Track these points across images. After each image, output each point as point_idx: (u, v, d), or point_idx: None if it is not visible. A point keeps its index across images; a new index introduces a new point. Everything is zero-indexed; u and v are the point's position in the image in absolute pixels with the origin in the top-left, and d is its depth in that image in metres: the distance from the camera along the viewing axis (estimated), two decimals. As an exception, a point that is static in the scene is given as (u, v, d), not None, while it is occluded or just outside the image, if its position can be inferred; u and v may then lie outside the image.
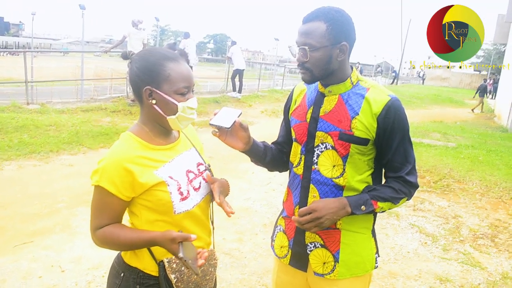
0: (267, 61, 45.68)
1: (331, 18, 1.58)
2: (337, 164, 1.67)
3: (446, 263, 4.01)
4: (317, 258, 1.75)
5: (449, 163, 7.24)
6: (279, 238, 1.90)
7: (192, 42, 13.11)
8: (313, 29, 1.58)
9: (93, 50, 44.63)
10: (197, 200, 1.55)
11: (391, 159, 1.68)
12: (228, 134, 1.69)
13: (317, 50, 1.58)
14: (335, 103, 1.67)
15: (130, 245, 1.46)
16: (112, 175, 1.40)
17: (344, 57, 1.63)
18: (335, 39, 1.58)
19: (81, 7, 11.05)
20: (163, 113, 1.46)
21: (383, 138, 1.64)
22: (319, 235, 1.73)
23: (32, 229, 4.10)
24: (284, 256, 1.86)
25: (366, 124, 1.61)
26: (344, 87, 1.68)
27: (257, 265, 3.72)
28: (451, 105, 23.56)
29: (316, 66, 1.61)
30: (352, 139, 1.63)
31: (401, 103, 1.66)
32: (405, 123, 1.66)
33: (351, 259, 1.73)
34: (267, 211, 4.96)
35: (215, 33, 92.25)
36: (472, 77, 49.14)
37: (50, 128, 7.63)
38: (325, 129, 1.67)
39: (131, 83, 1.52)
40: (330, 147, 1.67)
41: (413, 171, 1.70)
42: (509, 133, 12.43)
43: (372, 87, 1.67)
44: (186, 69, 1.49)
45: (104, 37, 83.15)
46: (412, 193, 1.71)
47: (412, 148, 1.72)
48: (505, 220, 5.11)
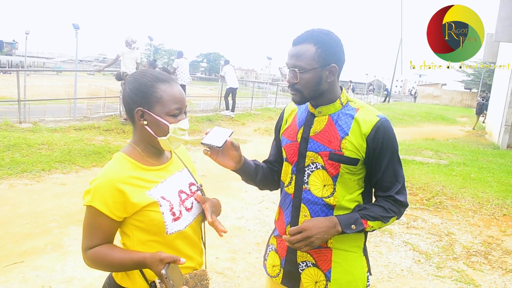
0: (260, 80, 45.98)
1: (320, 41, 1.61)
2: (327, 184, 1.68)
3: (440, 281, 4.00)
4: (309, 277, 1.75)
5: (442, 181, 7.27)
6: (271, 257, 1.90)
7: (185, 61, 13.20)
8: (303, 52, 1.62)
9: (86, 69, 44.70)
10: (189, 220, 1.56)
11: (380, 178, 1.69)
12: (219, 153, 1.71)
13: (306, 72, 1.62)
14: (325, 124, 1.70)
15: (120, 265, 1.45)
16: (105, 195, 1.41)
17: (333, 78, 1.66)
18: (324, 61, 1.62)
19: (74, 26, 11.12)
20: (154, 134, 1.48)
21: (372, 158, 1.66)
22: (310, 254, 1.74)
23: (23, 249, 4.05)
24: (276, 275, 1.85)
25: (356, 144, 1.64)
26: (334, 108, 1.70)
27: (250, 285, 3.69)
28: (442, 122, 23.76)
29: (306, 87, 1.64)
30: (342, 159, 1.65)
31: (390, 123, 1.68)
32: (394, 142, 1.69)
33: (342, 278, 1.73)
34: (260, 230, 4.93)
35: (208, 52, 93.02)
36: (463, 95, 49.73)
37: (42, 146, 7.60)
38: (315, 149, 1.69)
39: (124, 104, 1.54)
40: (320, 167, 1.68)
41: (402, 190, 1.71)
42: (500, 150, 12.52)
43: (361, 108, 1.70)
44: (179, 91, 1.51)
45: (97, 56, 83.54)
46: (401, 212, 1.73)
47: (401, 168, 1.73)
48: (498, 237, 5.12)
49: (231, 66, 14.76)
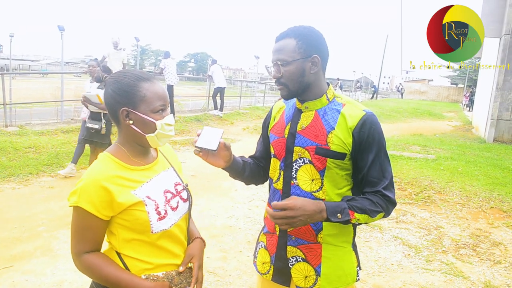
0: (248, 79, 45.96)
1: (300, 34, 1.66)
2: (315, 178, 1.70)
3: (430, 274, 4.05)
4: (299, 272, 1.76)
5: (429, 175, 7.34)
6: (261, 254, 1.91)
7: (172, 61, 13.15)
8: (284, 45, 1.66)
9: (72, 71, 44.21)
10: (175, 219, 1.57)
11: (367, 173, 1.68)
12: (210, 154, 1.74)
13: (289, 64, 1.65)
14: (312, 119, 1.72)
15: (113, 284, 1.46)
16: (91, 195, 1.41)
17: (316, 69, 1.68)
18: (305, 52, 1.65)
19: (60, 28, 10.99)
20: (141, 132, 1.49)
21: (358, 152, 1.67)
22: (300, 250, 1.75)
23: (11, 253, 4.01)
24: (267, 272, 1.86)
25: (342, 138, 1.65)
26: (320, 103, 1.72)
27: (242, 283, 3.70)
28: (430, 118, 23.98)
29: (291, 80, 1.67)
30: (328, 153, 1.66)
31: (376, 118, 1.69)
32: (380, 137, 1.69)
33: (332, 272, 1.75)
34: (251, 228, 4.94)
35: (195, 52, 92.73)
36: (450, 90, 50.24)
37: (30, 150, 7.53)
38: (302, 144, 1.71)
39: (107, 106, 1.54)
40: (307, 162, 1.70)
41: (390, 187, 1.69)
42: (487, 143, 12.67)
43: (348, 103, 1.72)
44: (161, 88, 1.53)
45: (83, 57, 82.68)
46: (389, 210, 1.71)
47: (389, 164, 1.72)
48: (486, 230, 5.19)
49: (218, 66, 14.74)
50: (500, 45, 12.97)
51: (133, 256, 1.51)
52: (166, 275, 1.53)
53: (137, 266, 1.50)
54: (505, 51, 12.66)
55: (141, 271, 1.50)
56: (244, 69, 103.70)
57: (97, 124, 5.91)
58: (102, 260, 1.47)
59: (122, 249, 1.51)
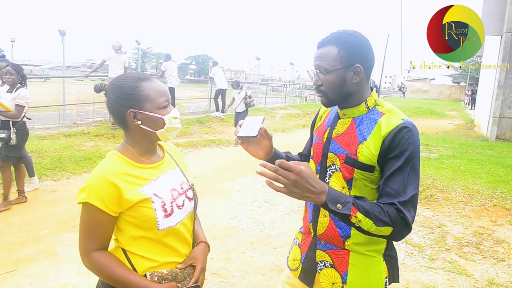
0: (249, 80, 45.98)
1: (343, 42, 1.59)
2: (344, 187, 1.65)
3: (433, 272, 4.05)
4: (327, 278, 1.74)
5: (432, 174, 7.33)
6: (294, 251, 1.92)
7: (173, 64, 13.18)
8: (325, 53, 1.61)
9: (74, 75, 44.37)
10: (181, 217, 1.59)
11: (385, 182, 1.53)
12: (251, 143, 1.74)
13: (330, 73, 1.60)
14: (347, 126, 1.68)
15: (121, 285, 1.48)
16: (100, 191, 1.44)
17: (358, 79, 1.62)
18: (347, 62, 1.59)
19: (61, 32, 11.02)
20: (152, 129, 1.53)
21: (385, 160, 1.54)
22: (329, 255, 1.73)
23: (15, 257, 4.02)
24: (296, 269, 1.87)
25: (372, 150, 1.57)
26: (358, 111, 1.67)
27: (245, 284, 3.71)
28: (432, 116, 23.94)
29: (330, 88, 1.63)
30: (356, 164, 1.60)
31: (416, 129, 1.56)
32: (414, 149, 1.52)
33: (358, 281, 1.69)
34: (253, 229, 4.95)
35: (197, 54, 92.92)
36: (451, 89, 50.18)
37: (32, 154, 7.53)
38: (335, 151, 1.68)
39: (111, 112, 1.58)
40: (338, 169, 1.67)
41: (409, 205, 1.48)
42: (489, 142, 12.65)
43: (388, 112, 1.63)
44: (161, 85, 1.58)
45: (85, 61, 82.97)
46: (401, 230, 1.47)
47: (416, 182, 1.53)
48: (489, 227, 5.18)
49: (220, 68, 14.75)
50: (501, 43, 12.95)
51: (139, 254, 1.53)
52: (170, 272, 1.55)
53: (143, 264, 1.53)
54: (506, 49, 12.65)
55: (147, 268, 1.52)
56: (245, 70, 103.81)
57: (3, 133, 5.13)
58: (111, 260, 1.49)
59: (129, 246, 1.53)
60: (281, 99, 25.30)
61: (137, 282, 1.47)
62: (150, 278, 1.51)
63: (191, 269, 1.63)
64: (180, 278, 1.57)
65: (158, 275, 1.52)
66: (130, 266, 1.52)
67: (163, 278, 1.53)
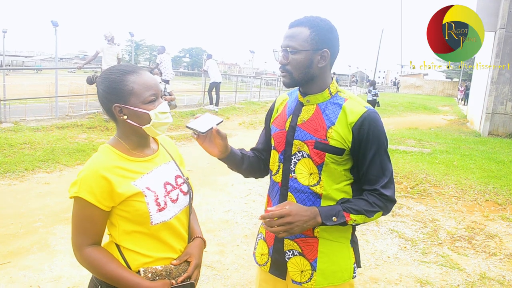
0: (243, 74, 45.86)
1: (316, 25, 1.63)
2: (313, 172, 1.68)
3: (426, 266, 4.08)
4: (295, 266, 1.76)
5: (425, 169, 7.37)
6: (260, 245, 1.91)
7: (167, 56, 13.11)
8: (297, 33, 1.64)
9: (67, 66, 44.03)
10: (175, 211, 1.57)
11: (366, 171, 1.67)
12: (206, 139, 1.73)
13: (298, 52, 1.63)
14: (313, 113, 1.70)
15: (114, 281, 1.46)
16: (91, 185, 1.41)
17: (324, 64, 1.66)
18: (317, 45, 1.63)
19: (53, 23, 10.91)
20: (137, 124, 1.50)
21: (358, 149, 1.65)
22: (297, 243, 1.74)
23: (8, 249, 4.00)
24: (264, 263, 1.87)
25: (342, 134, 1.63)
26: (322, 97, 1.71)
27: (239, 277, 3.71)
28: (425, 112, 24.05)
29: (296, 68, 1.65)
30: (327, 148, 1.64)
31: (377, 115, 1.67)
32: (381, 135, 1.66)
33: (328, 268, 1.73)
34: (248, 222, 4.96)
35: (190, 47, 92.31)
36: (445, 84, 50.40)
37: (25, 146, 7.50)
38: (301, 138, 1.70)
39: (101, 105, 1.56)
40: (306, 155, 1.69)
41: (389, 184, 1.68)
42: (482, 137, 12.73)
43: (350, 98, 1.70)
44: (149, 78, 1.53)
45: (78, 53, 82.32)
46: (388, 208, 1.69)
47: (389, 162, 1.70)
48: (481, 222, 5.23)
49: (214, 61, 14.71)
50: (495, 39, 13.00)
51: (132, 249, 1.51)
52: (164, 268, 1.53)
53: (137, 260, 1.50)
54: (500, 45, 12.71)
55: (140, 264, 1.50)
56: (239, 64, 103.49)
57: None
58: (103, 256, 1.46)
59: (122, 241, 1.51)
60: (275, 92, 25.29)
61: (130, 279, 1.45)
62: (143, 274, 1.48)
63: (186, 265, 1.60)
64: (175, 274, 1.55)
65: (152, 271, 1.50)
66: (123, 261, 1.50)
67: (157, 274, 1.50)
